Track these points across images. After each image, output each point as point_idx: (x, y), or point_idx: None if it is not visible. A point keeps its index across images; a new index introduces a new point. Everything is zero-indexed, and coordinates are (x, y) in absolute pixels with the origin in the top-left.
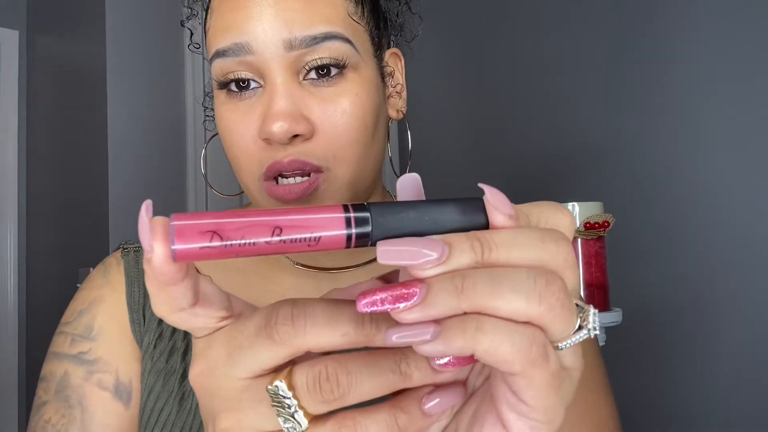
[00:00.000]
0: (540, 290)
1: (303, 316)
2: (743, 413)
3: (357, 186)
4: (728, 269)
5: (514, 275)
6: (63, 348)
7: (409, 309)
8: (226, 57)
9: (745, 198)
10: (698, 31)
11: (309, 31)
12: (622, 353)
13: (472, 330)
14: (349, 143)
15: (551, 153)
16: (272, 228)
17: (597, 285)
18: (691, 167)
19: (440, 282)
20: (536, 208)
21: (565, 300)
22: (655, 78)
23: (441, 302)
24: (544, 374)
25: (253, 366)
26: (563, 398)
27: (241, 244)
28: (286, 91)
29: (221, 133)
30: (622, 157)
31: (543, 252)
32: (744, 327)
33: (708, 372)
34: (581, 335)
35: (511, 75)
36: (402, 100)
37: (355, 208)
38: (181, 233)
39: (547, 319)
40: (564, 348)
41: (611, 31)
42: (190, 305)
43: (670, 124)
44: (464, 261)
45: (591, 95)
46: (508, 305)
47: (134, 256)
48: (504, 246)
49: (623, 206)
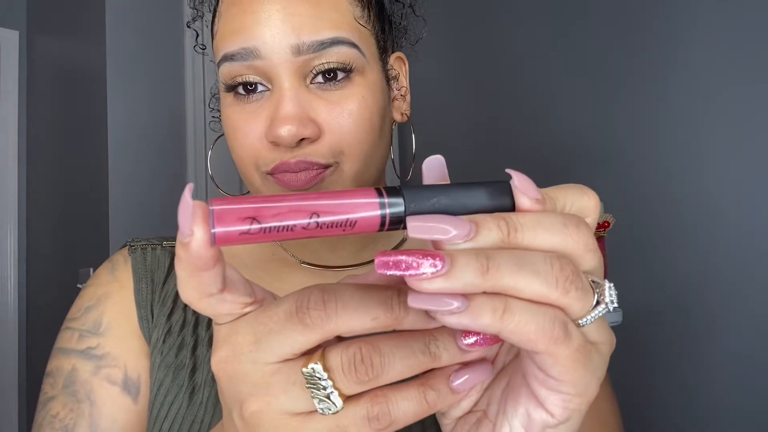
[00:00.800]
0: (556, 274)
1: (334, 300)
2: (744, 413)
3: (361, 181)
4: (728, 269)
5: (533, 258)
6: (70, 343)
7: (431, 278)
8: (234, 61)
9: (745, 198)
10: (699, 33)
11: (317, 36)
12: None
13: (501, 310)
14: (357, 142)
15: (551, 153)
16: (310, 213)
17: None
18: (691, 167)
19: (466, 257)
20: (562, 191)
21: (578, 282)
22: (655, 78)
23: (465, 277)
24: (567, 350)
25: (284, 350)
26: (593, 371)
27: (279, 228)
28: (294, 95)
29: (228, 133)
30: (622, 157)
31: (565, 236)
32: (744, 326)
33: (708, 372)
34: (599, 310)
35: (512, 76)
36: (406, 104)
37: (389, 193)
38: (221, 218)
39: (565, 301)
40: (585, 324)
41: (612, 32)
42: (219, 291)
43: (671, 125)
44: (491, 239)
45: (592, 96)
46: (530, 287)
47: (141, 253)
48: (529, 228)
49: (623, 206)
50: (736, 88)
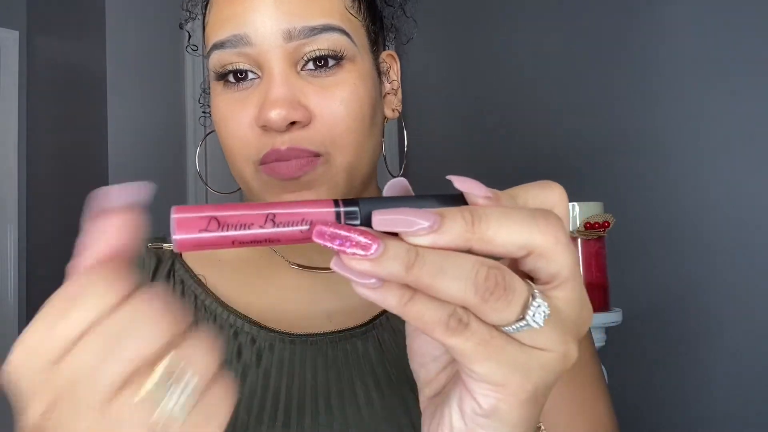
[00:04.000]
0: (479, 282)
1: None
2: (744, 413)
3: (353, 174)
4: (728, 269)
5: (462, 262)
6: None
7: (360, 259)
8: (225, 48)
9: (746, 198)
10: (700, 31)
11: (308, 22)
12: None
13: (407, 297)
14: (347, 130)
15: (551, 153)
16: (266, 214)
17: (597, 285)
18: (691, 167)
19: (396, 248)
20: (522, 188)
21: (499, 293)
22: (655, 78)
23: (390, 267)
24: (467, 343)
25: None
26: (513, 368)
27: (236, 225)
28: (284, 80)
29: (217, 123)
30: (622, 156)
31: (533, 229)
32: (744, 326)
33: (708, 372)
34: (520, 324)
35: (511, 74)
36: (397, 100)
37: (345, 203)
38: (181, 225)
39: (481, 309)
40: (512, 332)
41: (612, 30)
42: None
43: (671, 124)
44: (455, 231)
45: (591, 95)
46: (447, 291)
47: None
48: (495, 219)
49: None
50: (737, 88)
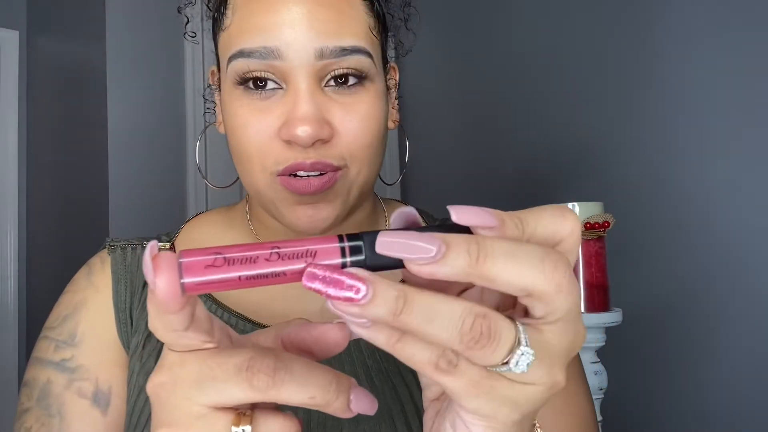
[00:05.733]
0: (464, 331)
1: (284, 371)
2: (744, 413)
3: (365, 187)
4: (728, 269)
5: (448, 312)
6: (47, 354)
7: (348, 303)
8: (252, 58)
9: (746, 198)
10: (700, 32)
11: (339, 42)
12: (622, 353)
13: (395, 338)
14: (365, 146)
15: (551, 153)
16: (271, 247)
17: (597, 285)
18: (691, 167)
19: (384, 295)
20: (534, 213)
21: (484, 341)
22: (655, 78)
23: (377, 312)
24: (458, 382)
25: (219, 399)
26: (502, 402)
27: (241, 259)
28: (311, 97)
29: (234, 127)
30: (622, 157)
31: (538, 273)
32: (744, 327)
33: (708, 372)
34: (504, 368)
35: (510, 75)
36: (396, 111)
37: (349, 238)
38: (189, 268)
39: (467, 354)
40: (499, 372)
41: (612, 30)
42: (184, 329)
43: (671, 124)
44: (457, 264)
45: (591, 95)
46: (432, 337)
47: (121, 253)
48: (501, 257)
49: (623, 206)
50: (737, 89)
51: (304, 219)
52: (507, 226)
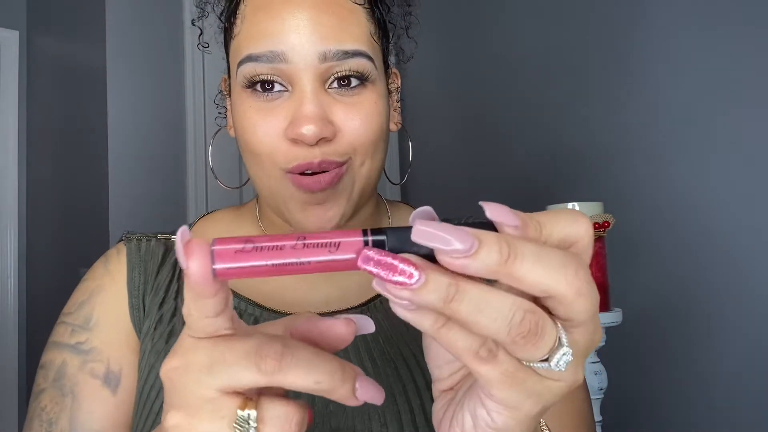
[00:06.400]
0: (514, 324)
1: (290, 356)
2: (744, 413)
3: (368, 181)
4: (728, 269)
5: (500, 302)
6: (63, 338)
7: (401, 288)
8: (259, 62)
9: (745, 198)
10: (700, 33)
11: (341, 46)
12: (622, 353)
13: (440, 323)
14: (367, 142)
15: (551, 153)
16: (297, 237)
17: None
18: (691, 167)
19: (437, 282)
20: (551, 217)
21: (531, 338)
22: (655, 78)
23: (429, 298)
24: (493, 371)
25: (228, 382)
26: (528, 394)
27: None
28: (315, 97)
29: (244, 128)
30: (622, 157)
31: (560, 277)
32: (744, 326)
33: (708, 372)
34: (543, 365)
35: (511, 75)
36: (398, 114)
37: (373, 232)
38: (221, 255)
39: (511, 347)
40: (533, 367)
41: (612, 31)
42: (215, 315)
43: (671, 124)
44: (490, 260)
45: (591, 96)
46: (482, 329)
47: (136, 243)
48: (529, 259)
49: (623, 206)
50: (737, 89)
51: (312, 218)
52: (529, 227)
